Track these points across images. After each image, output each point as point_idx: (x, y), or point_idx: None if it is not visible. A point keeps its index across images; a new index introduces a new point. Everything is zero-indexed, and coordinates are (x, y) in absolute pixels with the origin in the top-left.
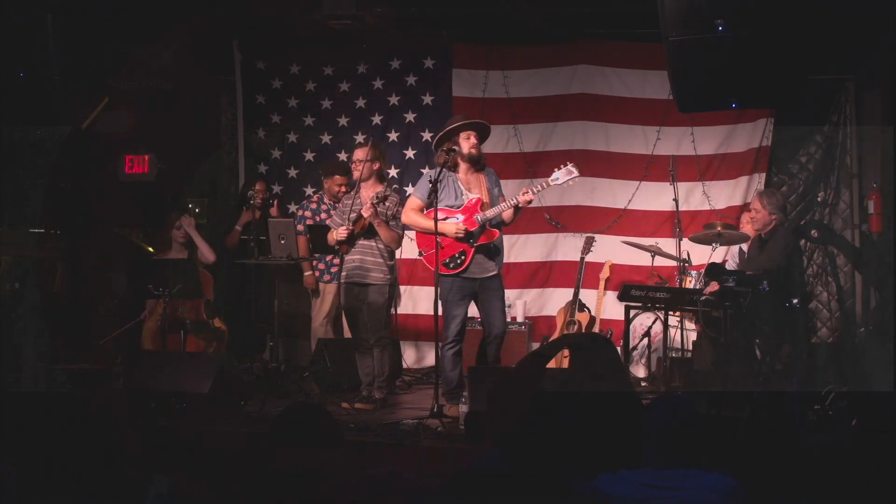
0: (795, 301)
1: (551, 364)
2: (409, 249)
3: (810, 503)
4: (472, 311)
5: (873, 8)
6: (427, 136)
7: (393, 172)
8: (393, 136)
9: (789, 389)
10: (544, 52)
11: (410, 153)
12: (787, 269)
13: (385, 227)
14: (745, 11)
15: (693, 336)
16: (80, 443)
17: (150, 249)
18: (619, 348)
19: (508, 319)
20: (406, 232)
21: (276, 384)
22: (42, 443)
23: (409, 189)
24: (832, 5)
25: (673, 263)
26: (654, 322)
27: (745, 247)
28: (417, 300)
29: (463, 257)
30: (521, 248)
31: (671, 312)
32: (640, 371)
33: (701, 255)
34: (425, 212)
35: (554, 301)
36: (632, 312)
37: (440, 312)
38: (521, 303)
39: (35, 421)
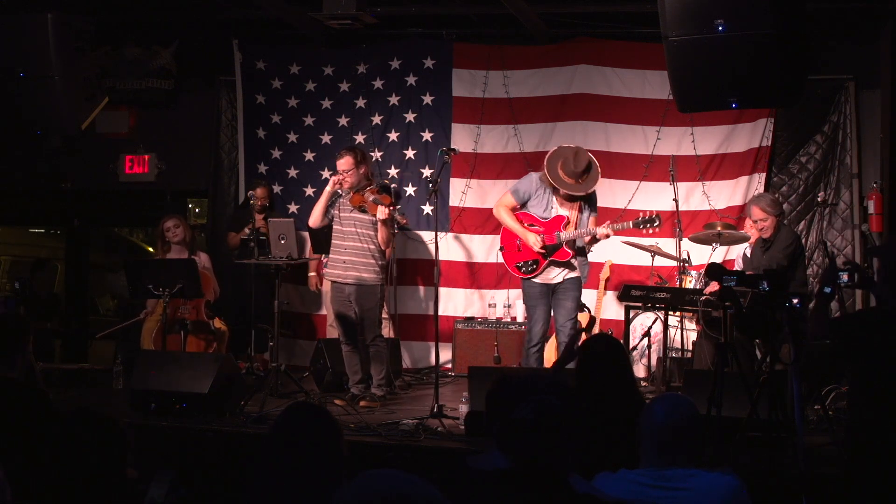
0: (795, 301)
1: (551, 363)
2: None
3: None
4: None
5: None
6: (427, 136)
7: (393, 172)
8: (393, 136)
9: (789, 389)
10: (544, 52)
11: (410, 153)
12: (788, 269)
13: (388, 229)
14: (745, 11)
15: (693, 336)
16: (81, 444)
17: (150, 249)
18: None
19: (508, 319)
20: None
21: (276, 384)
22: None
23: (410, 189)
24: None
25: (673, 263)
26: (654, 322)
27: (748, 251)
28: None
29: (535, 266)
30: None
31: (671, 312)
32: (640, 371)
33: (701, 255)
34: (515, 213)
35: None
36: (632, 312)
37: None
38: (521, 302)
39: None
